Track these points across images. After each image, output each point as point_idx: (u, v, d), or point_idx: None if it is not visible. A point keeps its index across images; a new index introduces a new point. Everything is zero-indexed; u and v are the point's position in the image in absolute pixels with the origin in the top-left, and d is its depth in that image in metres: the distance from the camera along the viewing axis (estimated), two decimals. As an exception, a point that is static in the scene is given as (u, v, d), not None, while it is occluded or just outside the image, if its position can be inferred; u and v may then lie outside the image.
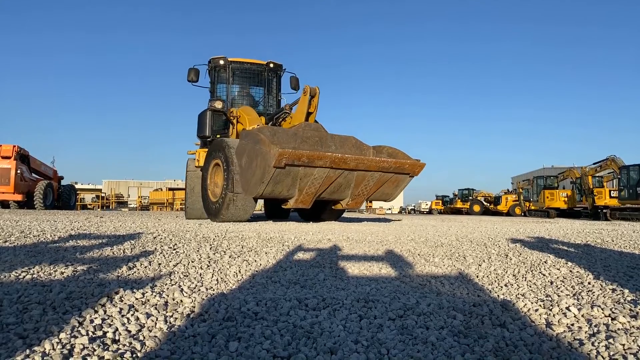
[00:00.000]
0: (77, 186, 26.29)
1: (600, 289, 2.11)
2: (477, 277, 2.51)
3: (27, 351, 1.17)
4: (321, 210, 7.87)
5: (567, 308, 1.67)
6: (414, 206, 61.21)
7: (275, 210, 10.74)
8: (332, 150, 6.28)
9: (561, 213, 23.82)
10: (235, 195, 6.31)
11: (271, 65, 9.05)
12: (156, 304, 1.62)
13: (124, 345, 1.25)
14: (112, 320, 1.43)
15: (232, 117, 8.15)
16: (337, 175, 5.78)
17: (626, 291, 2.04)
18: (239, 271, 2.44)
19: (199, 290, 1.95)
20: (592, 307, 1.68)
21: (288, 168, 5.36)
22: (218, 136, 8.18)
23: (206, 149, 8.08)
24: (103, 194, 37.64)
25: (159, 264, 2.56)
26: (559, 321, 1.54)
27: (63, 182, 19.54)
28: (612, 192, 20.26)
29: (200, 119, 8.53)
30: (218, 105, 8.09)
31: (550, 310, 1.66)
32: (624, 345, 1.29)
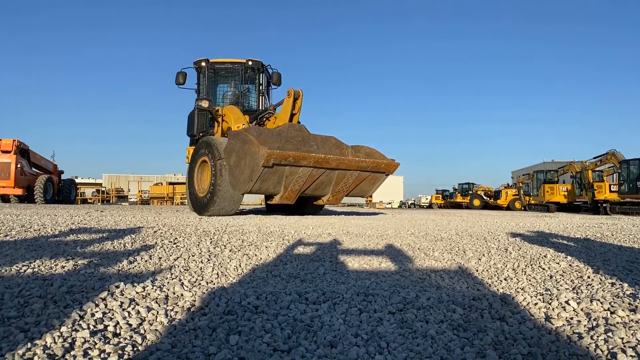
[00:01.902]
0: (77, 180, 26.29)
1: (600, 283, 2.12)
2: (477, 271, 2.51)
3: (29, 344, 1.17)
4: (303, 205, 8.35)
5: (567, 302, 1.67)
6: (414, 200, 61.22)
7: (276, 205, 10.78)
8: (314, 149, 6.65)
9: (561, 207, 23.82)
10: (223, 191, 6.68)
11: (250, 63, 9.39)
12: (157, 298, 1.63)
13: (125, 338, 1.26)
14: (113, 314, 1.44)
15: (217, 116, 8.52)
16: (319, 173, 6.21)
17: (625, 285, 2.04)
18: (240, 265, 2.45)
19: (200, 284, 1.95)
20: (591, 301, 1.68)
21: (275, 167, 5.74)
22: (201, 134, 8.61)
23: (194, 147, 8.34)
24: (103, 188, 37.67)
25: (160, 258, 2.57)
26: (558, 315, 1.54)
27: (63, 177, 19.54)
28: (612, 186, 20.23)
29: (189, 119, 8.98)
30: (204, 104, 8.48)
31: (550, 304, 1.66)
32: (622, 339, 1.30)
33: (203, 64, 9.23)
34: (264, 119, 8.31)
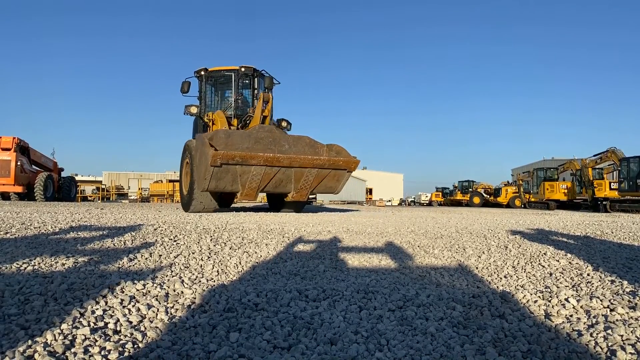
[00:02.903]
0: (77, 178, 26.30)
1: (599, 281, 2.12)
2: (477, 268, 2.52)
3: (29, 342, 1.18)
4: (282, 202, 8.97)
5: (566, 299, 1.68)
6: (414, 198, 61.25)
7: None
8: (285, 149, 7.10)
9: (561, 205, 23.82)
10: (199, 190, 7.14)
11: (243, 69, 9.87)
12: (157, 295, 1.63)
13: (126, 336, 1.26)
14: (113, 311, 1.44)
15: (208, 121, 9.20)
16: (274, 172, 6.59)
17: (625, 282, 2.04)
18: (240, 262, 2.45)
19: (200, 281, 1.96)
20: (591, 299, 1.69)
21: (225, 166, 6.17)
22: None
23: None
24: (103, 186, 37.67)
25: (160, 255, 2.57)
26: (557, 312, 1.55)
27: (63, 174, 19.53)
28: (612, 184, 20.25)
29: (194, 124, 10.00)
30: (193, 110, 9.18)
31: (549, 301, 1.67)
32: (622, 336, 1.30)
33: (202, 72, 9.80)
34: (247, 122, 8.98)
